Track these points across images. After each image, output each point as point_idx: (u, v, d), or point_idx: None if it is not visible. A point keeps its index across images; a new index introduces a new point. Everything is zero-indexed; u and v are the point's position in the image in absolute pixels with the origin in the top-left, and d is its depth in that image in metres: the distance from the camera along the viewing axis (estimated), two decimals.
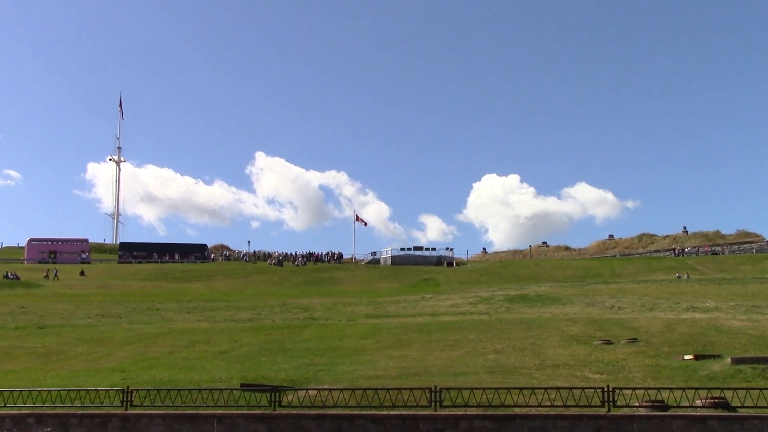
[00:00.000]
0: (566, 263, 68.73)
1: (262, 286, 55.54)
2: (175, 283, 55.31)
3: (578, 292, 39.02)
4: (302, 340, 21.48)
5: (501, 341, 19.57)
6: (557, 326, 22.51)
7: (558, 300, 34.73)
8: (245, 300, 39.51)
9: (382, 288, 53.82)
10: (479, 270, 65.84)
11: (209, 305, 35.72)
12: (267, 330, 24.24)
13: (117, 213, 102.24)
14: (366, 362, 17.12)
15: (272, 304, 35.80)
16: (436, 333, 21.87)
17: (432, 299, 38.15)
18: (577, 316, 26.75)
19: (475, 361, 16.83)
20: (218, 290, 50.24)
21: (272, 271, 64.44)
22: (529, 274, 60.59)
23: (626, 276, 56.29)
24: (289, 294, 45.90)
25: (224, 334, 23.06)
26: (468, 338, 20.42)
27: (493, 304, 34.16)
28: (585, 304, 32.64)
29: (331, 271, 64.75)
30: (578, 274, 59.34)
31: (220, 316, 30.48)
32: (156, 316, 30.78)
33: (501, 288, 45.60)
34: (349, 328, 24.19)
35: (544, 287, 44.98)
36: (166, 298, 40.45)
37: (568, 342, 19.26)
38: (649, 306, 30.61)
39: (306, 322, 27.08)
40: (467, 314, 29.45)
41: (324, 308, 33.61)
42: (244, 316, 30.34)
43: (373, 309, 33.01)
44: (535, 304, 33.18)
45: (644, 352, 17.54)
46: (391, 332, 22.39)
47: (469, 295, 40.34)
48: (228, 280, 58.12)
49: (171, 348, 20.45)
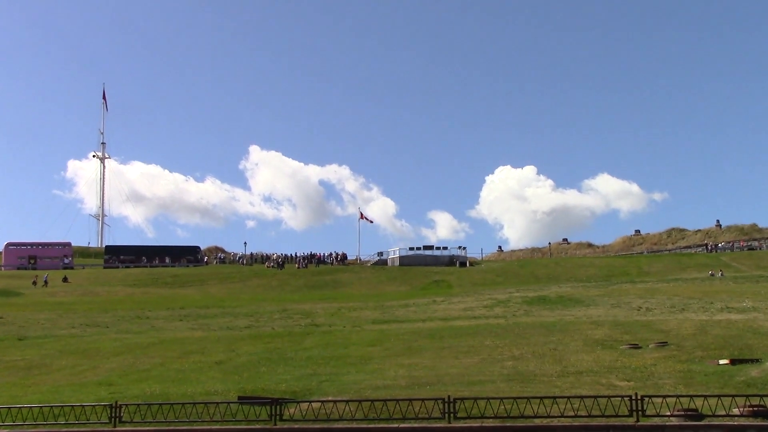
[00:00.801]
0: (589, 261, 68.59)
1: (261, 290, 55.65)
2: (165, 289, 55.45)
3: (603, 293, 38.94)
4: (304, 348, 21.51)
5: (519, 347, 19.55)
6: (580, 330, 22.47)
7: (581, 301, 34.66)
8: (242, 306, 39.57)
9: (390, 291, 53.82)
10: (495, 270, 65.77)
11: (203, 312, 35.79)
12: (266, 338, 24.28)
13: (102, 214, 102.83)
14: (373, 371, 17.12)
15: (271, 310, 35.86)
16: (448, 339, 21.86)
17: (444, 302, 38.14)
18: (601, 318, 26.69)
19: (491, 369, 16.81)
20: (213, 296, 50.34)
21: (271, 275, 64.54)
22: (549, 274, 60.48)
23: (655, 274, 56.15)
24: (289, 299, 45.94)
25: (220, 343, 23.10)
26: (483, 344, 20.40)
27: (510, 306, 34.13)
28: (610, 305, 32.58)
29: (335, 274, 64.80)
30: (602, 273, 59.22)
31: (215, 323, 30.54)
32: (146, 324, 30.86)
33: (519, 289, 45.54)
34: (355, 335, 24.20)
35: (565, 288, 44.89)
36: (156, 305, 40.54)
37: (592, 347, 19.22)
38: (680, 307, 30.51)
39: (308, 329, 27.10)
40: (482, 318, 29.43)
41: (327, 314, 33.65)
42: (241, 323, 30.40)
43: (381, 314, 33.03)
44: (556, 307, 33.12)
45: (675, 356, 17.48)
46: (400, 339, 22.39)
47: (484, 297, 40.30)
48: (223, 285, 58.24)
49: (162, 359, 20.50)
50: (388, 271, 67.37)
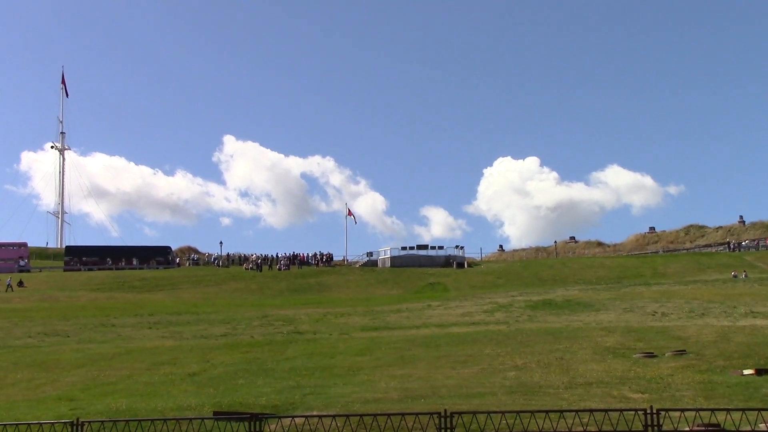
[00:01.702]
0: (599, 262, 68.86)
1: (238, 295, 55.56)
2: (133, 294, 55.30)
3: (614, 296, 39.08)
4: (286, 358, 21.49)
5: (522, 356, 19.58)
6: (589, 337, 22.54)
7: (590, 306, 34.78)
8: (218, 312, 39.50)
9: (381, 295, 53.84)
10: (495, 271, 65.94)
11: (175, 319, 35.72)
12: (244, 347, 24.25)
13: (61, 211, 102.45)
14: (362, 383, 17.12)
15: (250, 317, 35.82)
16: (445, 347, 21.89)
17: (440, 307, 38.20)
18: (612, 324, 26.78)
19: (491, 380, 16.83)
20: (185, 301, 50.23)
21: (249, 278, 64.47)
22: (555, 276, 60.67)
23: (671, 276, 56.42)
24: (270, 304, 45.89)
25: (193, 353, 23.06)
26: (483, 353, 20.44)
27: (512, 311, 34.22)
28: (622, 310, 32.71)
29: (320, 276, 64.79)
30: (613, 274, 59.46)
31: (188, 331, 30.49)
32: (111, 333, 30.77)
33: (521, 292, 45.65)
34: (342, 344, 24.21)
35: (572, 291, 45.03)
36: (122, 311, 40.41)
37: (602, 355, 19.28)
38: (700, 311, 30.66)
39: (291, 337, 27.09)
40: (482, 324, 29.48)
41: (312, 320, 33.65)
42: (216, 331, 30.36)
43: (370, 320, 33.06)
44: (563, 311, 33.22)
45: (694, 366, 17.55)
46: (392, 347, 22.41)
47: (483, 301, 40.39)
48: (197, 289, 58.13)
49: (129, 371, 20.43)
50: (379, 273, 67.40)
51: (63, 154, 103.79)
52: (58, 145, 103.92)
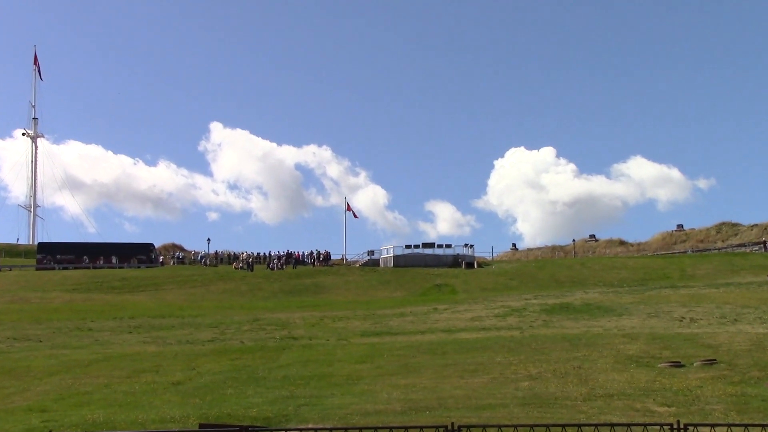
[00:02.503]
0: (621, 262, 68.83)
1: (227, 296, 55.62)
2: (112, 295, 55.37)
3: (637, 300, 39.05)
4: (279, 365, 21.51)
5: (537, 364, 19.58)
6: (610, 344, 22.53)
7: (611, 310, 34.77)
8: (205, 315, 39.54)
9: (383, 297, 53.86)
10: (508, 272, 65.94)
11: (158, 323, 35.76)
12: (233, 353, 24.28)
13: (33, 204, 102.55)
14: (362, 393, 17.13)
15: (240, 320, 35.87)
16: (452, 354, 21.90)
17: (447, 311, 38.22)
18: (636, 330, 26.77)
19: (503, 391, 16.84)
20: (169, 303, 50.28)
21: (239, 278, 64.52)
22: (573, 277, 60.65)
23: (701, 278, 56.36)
24: (261, 307, 45.92)
25: (178, 360, 23.09)
26: (494, 361, 20.44)
27: (526, 316, 34.24)
28: (647, 315, 32.69)
29: (316, 277, 64.85)
30: (637, 276, 59.43)
31: (172, 336, 30.53)
32: (88, 338, 30.81)
33: (536, 295, 45.65)
34: (341, 350, 24.23)
35: (592, 294, 45.01)
36: (100, 314, 40.46)
37: (624, 364, 19.27)
38: (732, 317, 30.64)
39: (284, 343, 27.13)
40: (493, 330, 29.49)
41: (307, 324, 33.69)
42: (203, 336, 30.40)
43: (371, 324, 33.10)
44: (582, 316, 33.21)
45: (726, 377, 17.53)
46: (395, 354, 22.43)
47: (495, 305, 40.39)
48: (182, 290, 58.19)
49: (108, 379, 20.45)
50: (380, 273, 67.43)
51: (35, 141, 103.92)
52: (30, 131, 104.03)
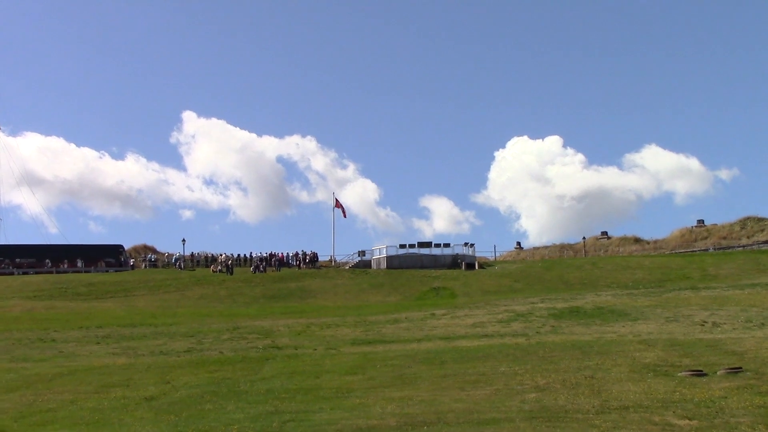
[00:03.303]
0: (636, 262, 68.97)
1: (204, 302, 55.54)
2: (77, 302, 55.23)
3: (654, 303, 39.13)
4: (262, 378, 21.48)
5: (545, 374, 19.59)
6: (625, 352, 22.56)
7: (626, 314, 34.83)
8: (180, 323, 39.48)
9: (375, 302, 53.86)
10: (512, 273, 66.01)
11: (128, 332, 35.69)
12: (212, 365, 24.25)
13: None
14: (354, 408, 17.11)
15: (219, 329, 35.82)
16: (451, 364, 21.91)
17: (446, 316, 38.23)
18: (653, 336, 26.81)
19: (508, 404, 16.84)
20: (141, 310, 50.19)
21: (217, 282, 64.44)
22: (584, 279, 60.76)
23: (724, 278, 56.51)
24: (242, 313, 45.87)
25: (151, 373, 23.04)
26: (497, 371, 20.45)
27: (532, 321, 34.28)
28: (665, 319, 32.76)
29: (302, 280, 64.81)
30: (654, 276, 59.57)
31: (144, 347, 30.47)
32: (51, 349, 30.72)
33: (544, 299, 45.71)
34: (329, 360, 24.22)
35: (605, 296, 45.08)
36: (65, 323, 40.36)
37: (641, 374, 19.29)
38: (759, 321, 30.74)
39: (267, 353, 27.11)
40: (496, 337, 29.52)
41: (292, 332, 33.67)
42: (178, 346, 30.35)
43: (363, 332, 33.10)
44: (593, 321, 33.26)
45: (752, 387, 17.55)
46: (389, 364, 22.43)
47: (498, 309, 40.43)
48: (155, 296, 58.09)
49: (73, 395, 20.39)
50: (372, 275, 67.42)
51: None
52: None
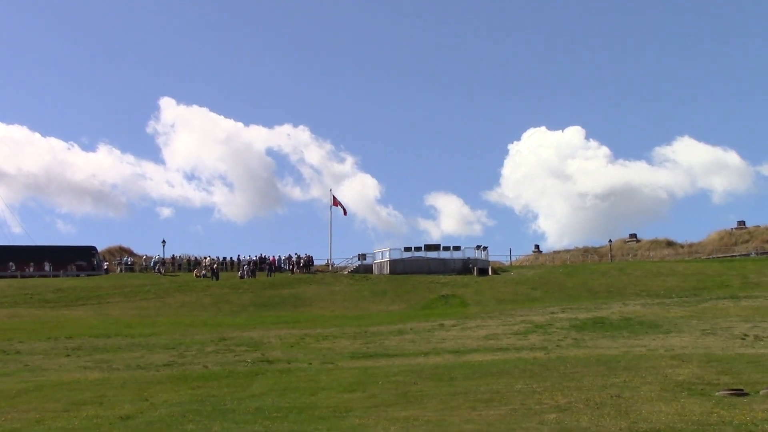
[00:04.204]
0: (669, 267, 68.88)
1: (187, 311, 55.54)
2: (45, 310, 55.22)
3: (689, 313, 39.09)
4: (251, 395, 21.48)
5: (566, 393, 19.58)
6: (656, 368, 22.53)
7: (657, 326, 34.80)
8: (160, 334, 39.47)
9: (377, 311, 53.84)
10: (530, 280, 65.93)
11: (102, 344, 35.68)
12: (195, 381, 24.25)
13: None
14: (353, 429, 17.12)
15: (203, 340, 35.82)
16: (462, 381, 21.90)
17: (456, 327, 38.22)
18: (687, 351, 26.77)
19: (525, 425, 16.83)
20: (116, 319, 50.17)
21: (201, 288, 64.42)
22: (610, 286, 60.70)
23: (767, 287, 56.39)
24: (229, 323, 45.84)
25: (127, 389, 23.04)
26: (513, 388, 20.44)
27: (552, 333, 34.26)
28: (700, 332, 32.73)
29: (295, 286, 64.78)
30: (689, 284, 59.47)
31: (119, 360, 30.46)
32: (15, 362, 30.70)
33: (565, 308, 45.67)
34: (326, 376, 24.22)
35: (633, 306, 45.02)
36: (30, 333, 40.34)
37: (673, 393, 19.27)
38: None
39: (257, 368, 27.11)
40: (512, 350, 29.49)
41: (285, 345, 33.67)
42: (158, 359, 30.34)
43: (363, 344, 33.09)
44: (620, 333, 33.23)
45: None
46: (392, 381, 22.42)
47: (514, 320, 40.39)
48: (131, 304, 58.08)
49: (40, 413, 20.38)
50: (374, 282, 67.38)
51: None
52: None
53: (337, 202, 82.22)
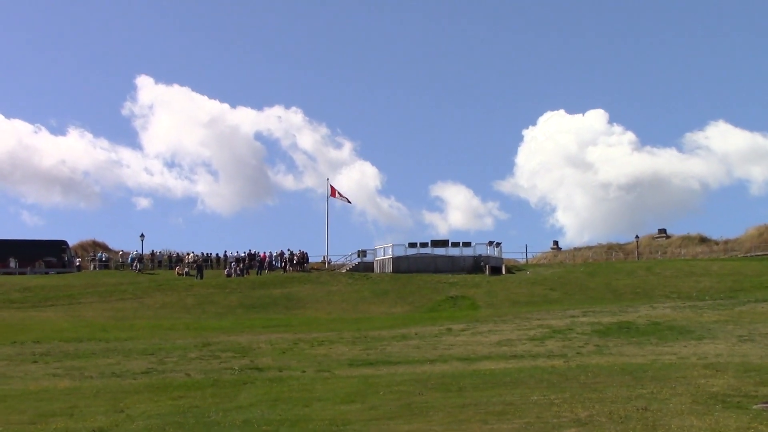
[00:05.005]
0: (702, 267, 68.84)
1: (168, 312, 55.55)
2: (10, 311, 55.28)
3: (725, 318, 39.06)
4: (239, 407, 21.50)
5: (587, 405, 19.59)
6: (688, 378, 22.54)
7: (688, 331, 34.78)
8: (137, 338, 39.49)
9: (378, 314, 53.86)
10: (548, 280, 65.94)
11: (73, 349, 35.70)
12: (176, 390, 24.28)
13: None
14: None
15: (185, 345, 35.85)
16: (472, 392, 21.91)
17: (465, 332, 38.24)
18: (723, 359, 26.76)
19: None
20: (89, 322, 50.20)
21: (184, 288, 64.45)
22: (636, 287, 60.68)
23: None
24: (214, 327, 45.87)
25: (101, 399, 23.06)
26: (529, 400, 20.45)
27: (572, 339, 34.27)
28: (737, 338, 32.72)
29: (288, 286, 64.80)
30: (724, 285, 59.41)
31: (92, 367, 30.48)
32: None
33: (586, 311, 45.67)
34: (321, 385, 24.25)
35: (662, 309, 45.00)
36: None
37: (707, 406, 19.28)
38: None
39: (245, 376, 27.14)
40: (527, 358, 29.52)
41: (276, 351, 33.68)
42: (135, 366, 30.36)
43: (363, 351, 33.12)
44: (648, 340, 33.22)
45: None
46: (395, 391, 22.44)
47: (530, 324, 40.39)
48: (106, 304, 58.09)
49: (4, 425, 20.40)
50: (375, 281, 67.40)
51: None
52: None
53: (336, 193, 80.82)
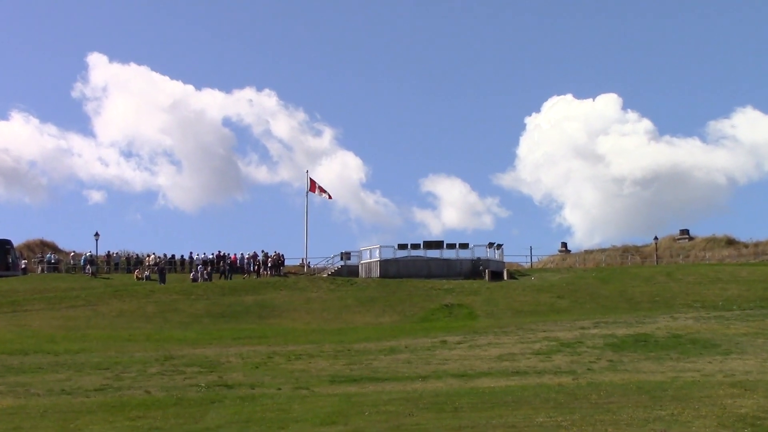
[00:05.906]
0: (729, 272, 69.01)
1: (125, 322, 55.49)
2: None
3: (755, 330, 39.18)
4: (206, 428, 21.53)
5: (599, 428, 19.66)
6: (712, 398, 22.60)
7: (713, 345, 34.86)
8: (91, 350, 39.43)
9: (363, 324, 53.86)
10: (554, 287, 65.99)
11: (17, 362, 35.66)
12: (134, 409, 24.28)
13: None
14: None
15: (145, 359, 35.81)
16: (469, 412, 21.95)
17: (462, 345, 38.26)
18: (752, 377, 26.85)
19: None
20: (36, 331, 50.15)
21: (144, 294, 64.36)
22: (654, 295, 60.77)
23: None
24: (178, 338, 45.83)
25: (49, 420, 23.06)
26: (534, 422, 20.50)
27: (582, 354, 34.31)
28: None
29: (262, 292, 64.75)
30: (754, 293, 59.54)
31: (39, 383, 30.44)
32: None
33: (598, 322, 45.74)
34: (299, 405, 24.26)
35: (684, 320, 45.09)
36: None
37: (734, 429, 19.35)
38: None
39: (213, 394, 27.15)
40: (532, 374, 29.56)
41: (248, 365, 33.67)
42: (88, 382, 30.33)
43: (346, 365, 33.11)
44: (667, 355, 33.30)
45: None
46: (382, 411, 22.47)
47: (534, 336, 40.43)
48: (56, 312, 57.98)
49: None
50: (360, 287, 67.37)
51: None
52: None
53: (315, 187, 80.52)
